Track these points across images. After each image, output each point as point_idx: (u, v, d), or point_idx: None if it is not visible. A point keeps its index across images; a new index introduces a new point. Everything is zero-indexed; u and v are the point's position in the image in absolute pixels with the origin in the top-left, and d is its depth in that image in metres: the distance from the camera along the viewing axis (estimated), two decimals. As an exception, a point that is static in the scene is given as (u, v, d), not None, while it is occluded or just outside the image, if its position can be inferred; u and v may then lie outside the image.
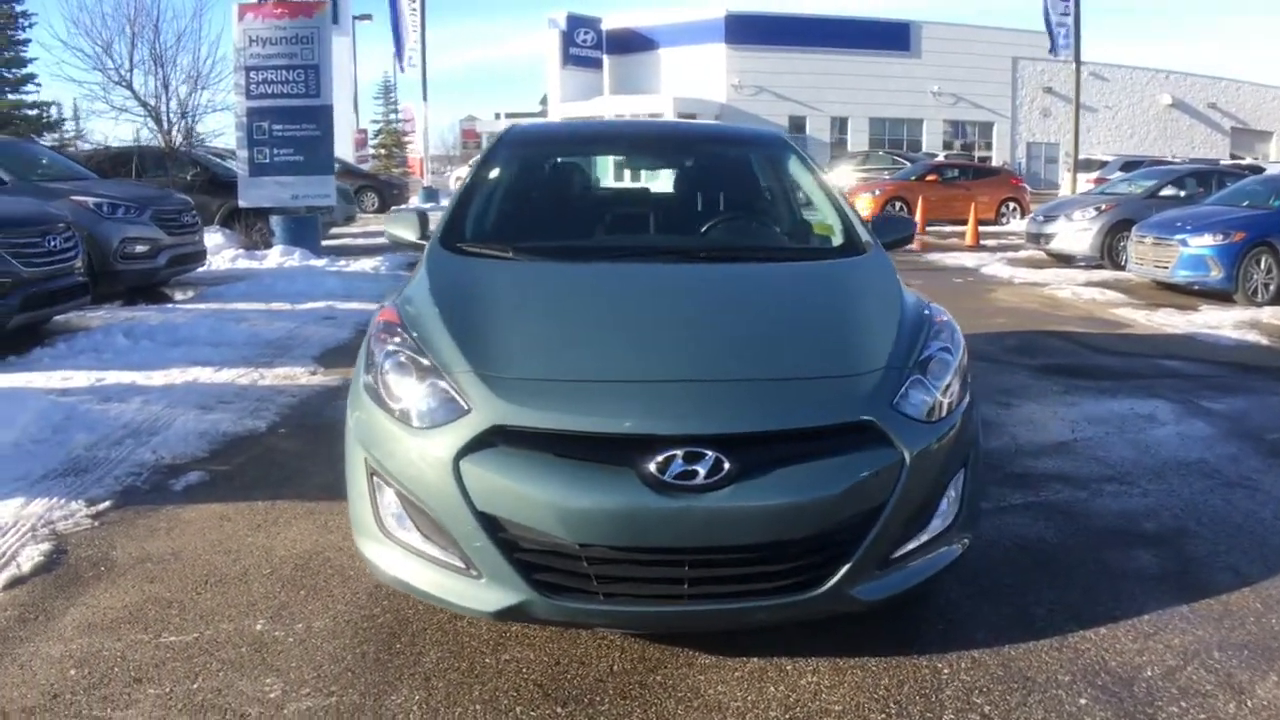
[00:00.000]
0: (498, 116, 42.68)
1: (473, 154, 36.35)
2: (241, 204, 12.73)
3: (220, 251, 12.13)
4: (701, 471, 2.31)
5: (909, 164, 23.39)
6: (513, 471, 2.38)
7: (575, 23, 43.48)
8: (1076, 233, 12.30)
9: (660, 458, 2.32)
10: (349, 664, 2.70)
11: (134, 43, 13.06)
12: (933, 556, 2.65)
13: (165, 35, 13.41)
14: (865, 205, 18.95)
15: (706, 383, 2.53)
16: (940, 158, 28.45)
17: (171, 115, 13.23)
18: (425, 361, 2.65)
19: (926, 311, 3.05)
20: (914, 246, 15.52)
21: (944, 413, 2.67)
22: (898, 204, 18.92)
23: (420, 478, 2.48)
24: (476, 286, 3.11)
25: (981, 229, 16.87)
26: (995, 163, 37.14)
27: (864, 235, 3.61)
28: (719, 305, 3.05)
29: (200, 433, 4.87)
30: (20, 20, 22.89)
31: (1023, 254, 14.10)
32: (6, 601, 3.08)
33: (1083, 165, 24.71)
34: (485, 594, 2.44)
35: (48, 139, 22.66)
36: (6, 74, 23.05)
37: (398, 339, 2.78)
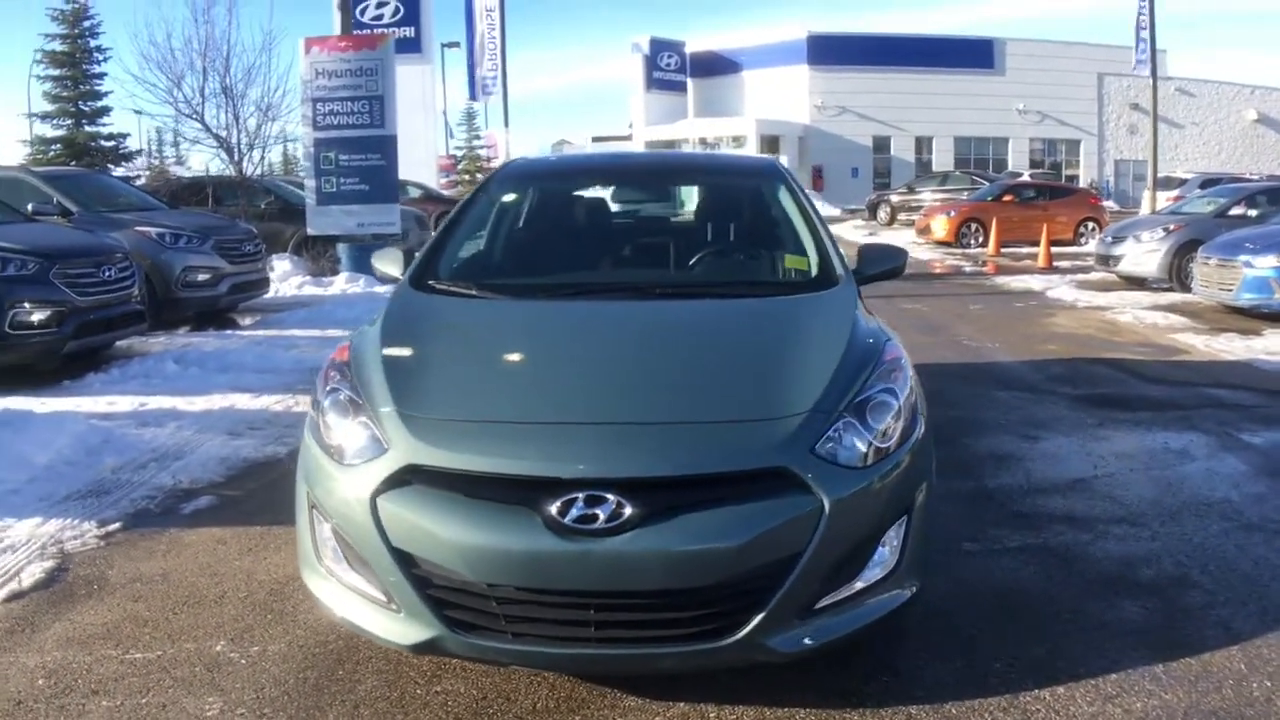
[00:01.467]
0: (593, 140, 43.35)
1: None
2: (310, 232, 13.21)
3: (288, 278, 12.60)
4: (602, 515, 2.29)
5: (988, 184, 22.86)
6: (424, 510, 2.42)
7: (659, 46, 43.93)
8: (1144, 254, 11.83)
9: (561, 501, 2.31)
10: (289, 687, 2.77)
11: (205, 76, 13.67)
12: (865, 607, 2.55)
13: (235, 69, 14.00)
14: (941, 227, 18.61)
15: (617, 425, 2.52)
16: (1025, 176, 27.74)
17: (242, 146, 13.80)
18: (359, 400, 2.71)
19: (872, 342, 2.95)
20: (987, 269, 15.29)
21: (878, 458, 2.58)
22: (973, 225, 18.52)
23: (347, 513, 2.54)
24: (425, 325, 3.18)
25: (1058, 250, 16.34)
26: (1083, 181, 36.12)
27: (838, 269, 3.54)
28: (657, 345, 3.02)
29: (221, 458, 5.07)
30: (95, 54, 24.10)
31: (1094, 276, 13.60)
32: (2, 614, 3.26)
33: (1164, 183, 23.76)
34: (403, 628, 2.48)
35: (131, 168, 23.75)
36: (84, 106, 24.28)
37: (339, 377, 2.86)
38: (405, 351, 2.93)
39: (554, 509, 2.31)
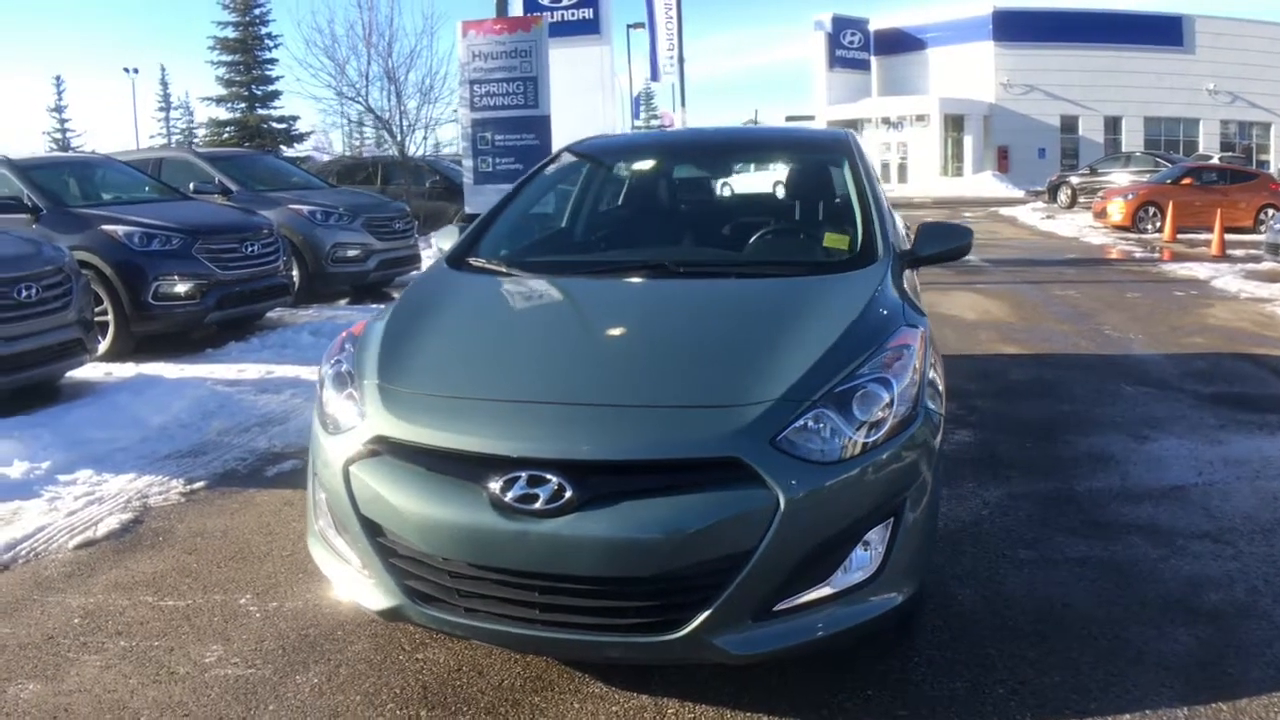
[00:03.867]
0: (786, 119, 42.98)
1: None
2: (466, 210, 13.71)
3: (444, 255, 13.14)
4: (542, 496, 2.27)
5: (1171, 166, 21.10)
6: (388, 481, 2.47)
7: (841, 24, 42.80)
8: (1315, 245, 10.53)
9: (504, 479, 2.30)
10: (288, 642, 2.93)
11: (369, 60, 14.32)
12: (837, 613, 2.38)
13: (397, 53, 14.59)
14: (1118, 210, 17.40)
15: (570, 406, 2.46)
16: (1214, 160, 25.37)
17: (404, 127, 14.40)
18: (353, 372, 2.80)
19: (880, 327, 2.73)
20: (1157, 255, 14.04)
21: (857, 451, 2.40)
22: (1150, 209, 17.13)
23: (330, 480, 2.63)
24: (436, 301, 3.23)
25: (1236, 237, 14.86)
26: (1274, 167, 32.79)
27: (879, 249, 3.32)
28: (653, 325, 2.93)
29: (319, 424, 5.36)
30: (267, 41, 25.79)
31: (1264, 266, 12.19)
32: (70, 559, 3.61)
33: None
34: (372, 594, 2.56)
35: (312, 149, 25.37)
36: (255, 90, 26.08)
37: (344, 351, 2.95)
38: (407, 326, 2.99)
39: (497, 487, 2.30)
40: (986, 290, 10.15)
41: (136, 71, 43.16)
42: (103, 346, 6.69)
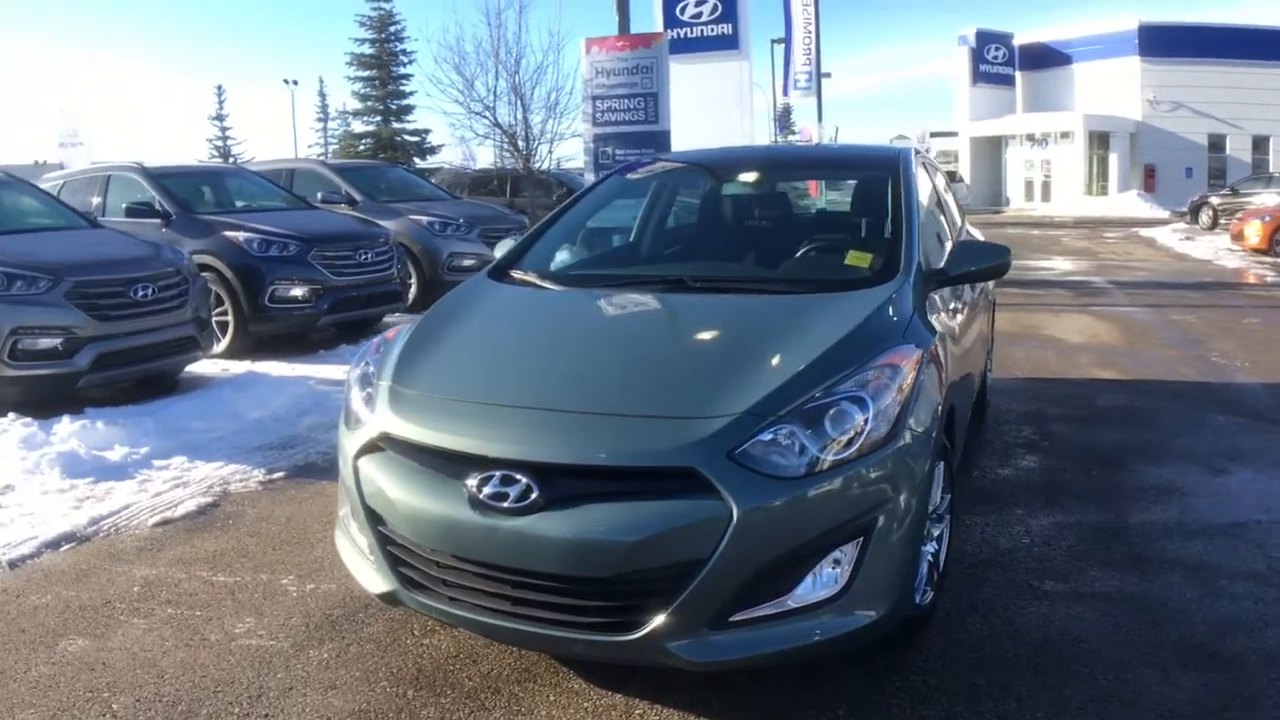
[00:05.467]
0: (930, 135, 42.19)
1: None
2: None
3: (561, 266, 13.56)
4: (512, 494, 2.41)
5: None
6: (387, 474, 2.67)
7: (986, 39, 41.51)
8: None
9: (481, 476, 2.45)
10: (312, 620, 3.17)
11: (497, 76, 14.77)
12: (799, 627, 2.41)
13: (524, 69, 14.99)
14: (1255, 233, 16.38)
15: (546, 411, 2.59)
16: None
17: (531, 142, 14.78)
18: (375, 373, 3.02)
19: (869, 346, 2.73)
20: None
21: (824, 468, 2.42)
22: (1284, 232, 15.97)
23: (345, 472, 2.87)
24: (464, 309, 3.42)
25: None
26: None
27: (899, 267, 3.28)
28: (648, 338, 3.06)
29: (399, 422, 5.67)
30: (401, 57, 27.02)
31: None
32: (146, 535, 3.99)
33: None
34: (374, 577, 2.77)
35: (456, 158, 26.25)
36: (390, 105, 27.26)
37: (375, 354, 3.18)
38: (429, 333, 3.20)
39: (475, 484, 2.46)
40: (1101, 313, 9.70)
41: (296, 83, 46.30)
42: (222, 345, 7.27)
